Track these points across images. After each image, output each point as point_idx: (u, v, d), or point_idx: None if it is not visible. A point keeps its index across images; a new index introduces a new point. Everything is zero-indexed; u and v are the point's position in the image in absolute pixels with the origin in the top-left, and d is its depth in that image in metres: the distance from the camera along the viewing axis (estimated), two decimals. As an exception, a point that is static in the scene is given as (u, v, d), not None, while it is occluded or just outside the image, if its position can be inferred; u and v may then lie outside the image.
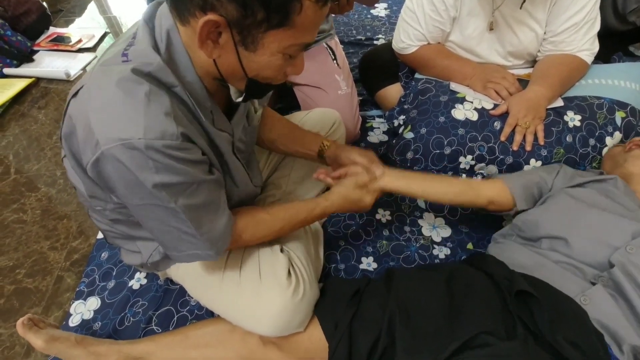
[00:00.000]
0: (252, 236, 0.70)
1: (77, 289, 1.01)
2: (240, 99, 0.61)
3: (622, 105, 1.01)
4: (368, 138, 1.36)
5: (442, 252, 1.07)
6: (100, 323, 0.94)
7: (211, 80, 0.58)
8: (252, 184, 0.77)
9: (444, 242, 1.08)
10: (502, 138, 1.00)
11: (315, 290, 0.77)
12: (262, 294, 0.71)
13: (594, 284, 0.68)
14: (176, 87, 0.54)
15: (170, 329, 0.91)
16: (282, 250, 0.78)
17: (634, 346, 0.61)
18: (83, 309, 0.97)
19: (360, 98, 1.45)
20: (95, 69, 0.54)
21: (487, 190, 0.88)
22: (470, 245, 1.07)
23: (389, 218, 1.13)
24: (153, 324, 0.92)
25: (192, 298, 0.95)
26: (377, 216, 1.13)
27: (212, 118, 0.60)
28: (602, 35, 1.07)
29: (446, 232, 1.10)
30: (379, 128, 1.40)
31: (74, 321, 0.95)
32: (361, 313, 0.72)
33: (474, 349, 0.61)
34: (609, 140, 0.99)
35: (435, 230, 1.10)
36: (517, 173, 0.94)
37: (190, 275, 0.79)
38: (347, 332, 0.70)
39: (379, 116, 1.43)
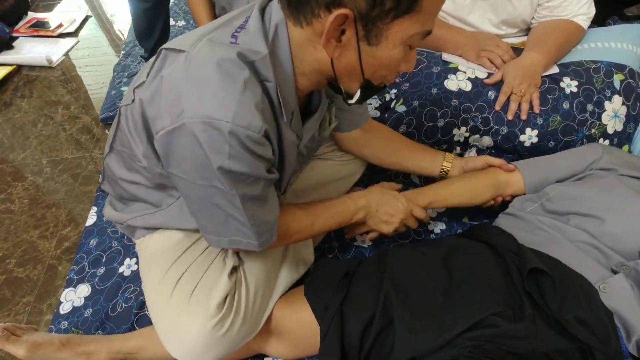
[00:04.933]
0: (285, 233, 0.68)
1: (67, 277, 1.00)
2: (352, 101, 0.59)
3: (620, 68, 0.98)
4: (360, 114, 1.33)
5: (437, 227, 1.05)
6: (91, 310, 0.92)
7: (305, 81, 0.57)
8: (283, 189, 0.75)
9: (439, 216, 1.06)
10: (497, 107, 0.97)
11: (249, 329, 0.69)
12: (184, 315, 0.65)
13: (614, 271, 0.66)
14: (269, 83, 0.53)
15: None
16: (234, 271, 0.71)
17: None
18: (73, 296, 0.96)
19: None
20: (202, 41, 0.52)
21: (505, 186, 0.88)
22: (466, 219, 1.06)
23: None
24: (145, 309, 0.91)
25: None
26: (371, 193, 1.11)
27: (291, 118, 0.59)
28: (598, 0, 1.03)
29: (441, 206, 1.08)
30: (370, 104, 1.35)
31: (64, 308, 0.94)
32: (352, 295, 0.70)
33: (478, 329, 0.60)
34: (607, 105, 0.96)
35: (430, 205, 1.08)
36: (541, 163, 0.90)
37: (145, 254, 0.75)
38: (338, 314, 0.68)
39: (371, 92, 1.40)
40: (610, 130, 0.97)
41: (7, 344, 0.75)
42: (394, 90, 1.14)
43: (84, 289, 0.97)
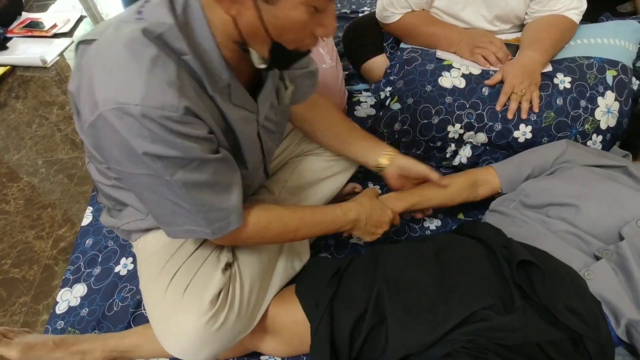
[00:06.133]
0: (264, 230, 0.66)
1: (63, 277, 1.00)
2: (263, 66, 0.54)
3: (613, 64, 0.98)
4: (355, 113, 1.33)
5: (432, 224, 1.06)
6: (87, 309, 0.92)
7: (232, 49, 0.53)
8: (263, 172, 0.72)
9: (434, 213, 1.07)
10: (498, 108, 0.97)
11: (244, 324, 0.69)
12: (178, 311, 0.65)
13: (597, 257, 0.67)
14: (186, 56, 0.50)
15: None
16: (228, 267, 0.71)
17: (630, 320, 0.61)
18: (69, 296, 0.96)
19: (347, 72, 1.41)
20: (112, 25, 0.50)
21: (483, 185, 0.90)
22: (461, 215, 1.06)
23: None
24: (142, 308, 0.91)
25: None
26: (367, 190, 1.12)
27: (228, 92, 0.55)
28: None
29: (437, 203, 1.08)
30: (366, 102, 1.37)
31: (60, 308, 0.94)
32: (342, 292, 0.70)
33: (471, 324, 0.60)
34: (600, 101, 0.96)
35: (425, 202, 1.09)
36: (513, 159, 0.92)
37: (141, 254, 0.75)
38: (328, 311, 0.68)
39: (366, 90, 1.40)
40: (603, 126, 0.97)
41: None
42: (388, 88, 1.14)
43: (80, 289, 0.97)
